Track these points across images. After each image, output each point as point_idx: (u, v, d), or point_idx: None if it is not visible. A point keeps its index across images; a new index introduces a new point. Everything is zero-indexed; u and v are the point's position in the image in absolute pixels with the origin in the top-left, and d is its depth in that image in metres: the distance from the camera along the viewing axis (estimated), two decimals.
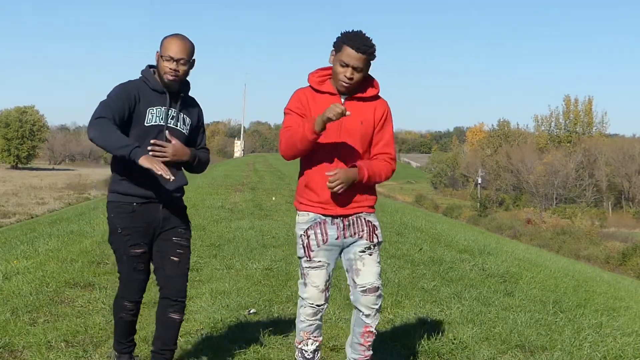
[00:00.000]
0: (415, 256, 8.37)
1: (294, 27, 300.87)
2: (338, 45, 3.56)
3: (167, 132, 3.71)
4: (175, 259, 3.82)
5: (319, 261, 3.67)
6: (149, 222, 3.76)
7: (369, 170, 3.62)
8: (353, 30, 3.57)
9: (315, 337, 3.78)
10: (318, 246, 3.67)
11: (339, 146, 3.62)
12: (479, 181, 65.02)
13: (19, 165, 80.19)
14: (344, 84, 3.58)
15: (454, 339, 4.85)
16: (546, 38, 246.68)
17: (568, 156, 63.63)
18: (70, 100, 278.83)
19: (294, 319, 5.31)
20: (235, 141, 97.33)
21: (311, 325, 3.74)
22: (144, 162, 3.40)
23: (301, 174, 3.75)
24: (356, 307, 3.74)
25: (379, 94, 3.72)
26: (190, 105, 3.88)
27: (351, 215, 3.69)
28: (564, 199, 60.09)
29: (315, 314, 3.72)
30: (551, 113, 76.60)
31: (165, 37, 3.72)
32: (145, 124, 3.68)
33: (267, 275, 6.95)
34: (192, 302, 5.69)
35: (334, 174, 3.55)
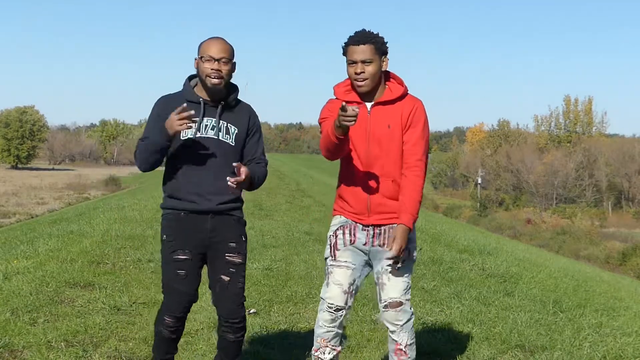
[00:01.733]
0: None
1: (294, 27, 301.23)
2: (344, 51, 3.52)
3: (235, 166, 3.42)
4: (225, 278, 3.59)
5: (345, 261, 3.59)
6: (196, 231, 3.54)
7: (411, 211, 3.49)
8: (355, 31, 3.52)
9: (333, 345, 3.63)
10: (344, 245, 3.60)
11: (369, 154, 3.54)
12: (479, 181, 64.97)
13: (19, 165, 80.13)
14: (358, 82, 3.48)
15: (454, 339, 4.85)
16: (546, 38, 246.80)
17: (568, 156, 63.61)
18: (70, 100, 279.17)
19: (294, 319, 5.35)
20: None
21: (329, 332, 3.59)
22: (170, 130, 3.35)
23: (338, 184, 3.71)
24: (383, 323, 3.65)
25: (408, 92, 3.60)
26: (237, 111, 3.62)
27: (383, 225, 3.59)
28: (564, 199, 60.06)
29: (333, 320, 3.58)
30: (551, 113, 76.53)
31: (203, 41, 3.53)
32: (182, 137, 3.52)
33: (267, 275, 6.95)
34: None
35: (393, 250, 3.45)
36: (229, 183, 3.41)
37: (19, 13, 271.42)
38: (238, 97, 3.65)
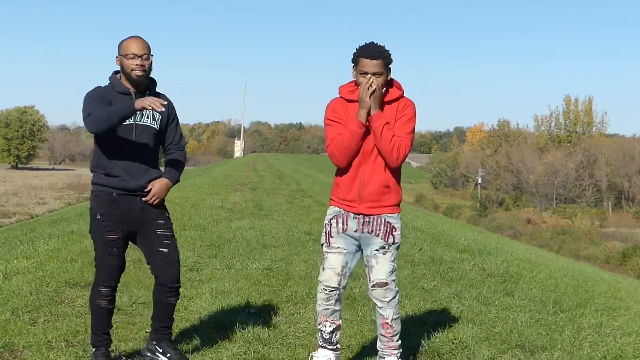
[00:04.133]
0: (415, 256, 8.37)
1: (293, 27, 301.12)
2: (355, 60, 3.91)
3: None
4: (164, 250, 4.13)
5: (338, 247, 4.03)
6: (127, 211, 4.04)
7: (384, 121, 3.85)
8: (365, 43, 3.91)
9: (332, 320, 4.07)
10: (337, 233, 4.03)
11: (365, 147, 3.93)
12: (479, 181, 64.97)
13: (19, 165, 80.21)
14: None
15: (454, 339, 4.85)
16: (546, 38, 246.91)
17: (568, 156, 63.62)
18: (70, 100, 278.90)
19: (294, 319, 5.35)
20: (235, 141, 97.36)
21: (327, 309, 4.05)
22: (138, 105, 3.80)
23: (335, 173, 4.08)
24: (372, 301, 4.07)
25: (403, 95, 4.00)
26: None
27: (372, 215, 3.98)
28: (564, 199, 60.07)
29: (328, 299, 4.02)
30: (551, 113, 76.54)
31: (123, 40, 4.03)
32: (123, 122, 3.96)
33: (267, 275, 6.96)
34: (192, 302, 5.70)
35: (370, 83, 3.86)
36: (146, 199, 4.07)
37: (19, 13, 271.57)
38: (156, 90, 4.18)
